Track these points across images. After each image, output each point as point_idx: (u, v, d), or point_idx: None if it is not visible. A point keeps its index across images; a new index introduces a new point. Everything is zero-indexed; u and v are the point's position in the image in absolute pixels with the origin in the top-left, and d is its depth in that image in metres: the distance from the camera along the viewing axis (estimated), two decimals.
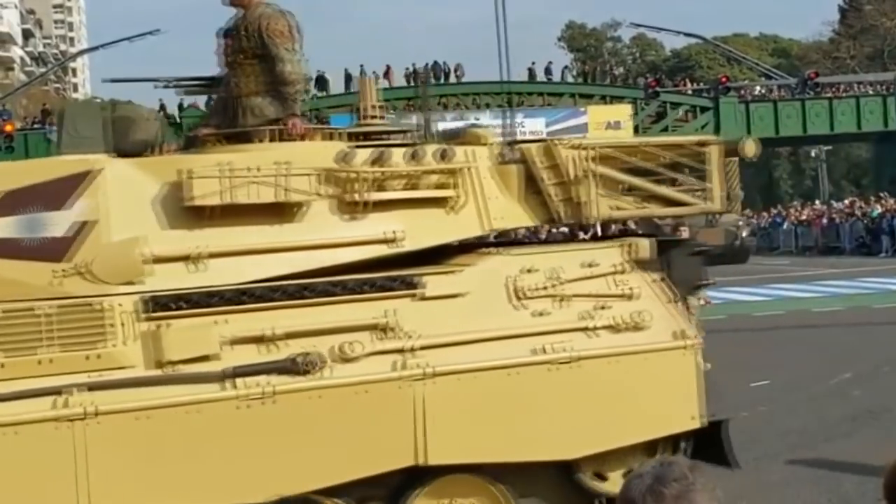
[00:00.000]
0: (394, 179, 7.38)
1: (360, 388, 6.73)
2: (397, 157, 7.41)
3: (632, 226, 24.58)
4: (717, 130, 59.48)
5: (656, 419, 7.46)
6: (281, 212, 7.09)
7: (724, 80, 56.71)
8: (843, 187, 77.06)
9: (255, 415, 6.55)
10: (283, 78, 7.50)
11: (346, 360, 6.76)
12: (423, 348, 6.92)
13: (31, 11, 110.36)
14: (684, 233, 17.14)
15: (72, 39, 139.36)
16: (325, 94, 59.12)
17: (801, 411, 12.80)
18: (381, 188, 7.32)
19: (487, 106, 60.08)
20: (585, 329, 7.35)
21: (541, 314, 7.31)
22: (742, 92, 61.30)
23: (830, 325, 21.17)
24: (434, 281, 7.18)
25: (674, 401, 7.46)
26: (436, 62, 61.11)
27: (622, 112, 60.09)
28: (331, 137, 7.66)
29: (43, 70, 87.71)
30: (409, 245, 7.39)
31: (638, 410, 7.40)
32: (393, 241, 7.32)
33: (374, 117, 8.38)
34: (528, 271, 7.39)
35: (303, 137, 7.44)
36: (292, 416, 6.63)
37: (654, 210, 8.32)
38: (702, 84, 64.64)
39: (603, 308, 7.44)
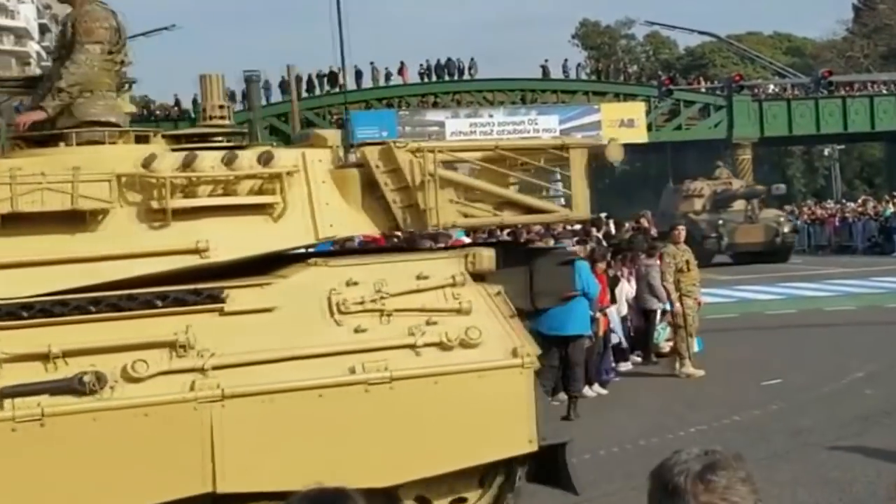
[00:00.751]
0: (205, 185, 6.91)
1: (145, 410, 6.27)
2: (210, 161, 6.94)
3: (645, 224, 24.12)
4: (730, 129, 59.27)
5: (487, 442, 6.95)
6: (75, 220, 6.64)
7: (737, 78, 56.02)
8: (856, 186, 76.13)
9: (28, 438, 6.10)
10: (59, 73, 7.08)
11: (132, 380, 6.29)
12: (221, 367, 6.44)
13: (48, 6, 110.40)
14: (681, 233, 16.74)
15: None
16: (338, 90, 58.91)
17: (813, 410, 12.68)
18: (190, 195, 6.86)
19: (501, 103, 59.82)
20: (410, 346, 6.84)
21: (361, 331, 6.80)
22: (755, 90, 60.91)
23: (843, 325, 21.07)
24: (239, 294, 6.69)
25: (507, 423, 6.94)
26: (449, 59, 60.63)
27: (636, 110, 59.89)
28: (145, 140, 7.20)
29: None
30: (221, 255, 6.92)
31: (467, 433, 6.89)
32: (201, 251, 6.85)
33: (219, 118, 7.89)
34: (350, 284, 6.89)
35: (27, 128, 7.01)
36: (70, 439, 6.17)
37: (508, 217, 7.81)
38: (715, 82, 63.92)
39: (431, 324, 6.92)
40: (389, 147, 7.42)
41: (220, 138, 7.50)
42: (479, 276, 7.22)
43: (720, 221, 40.81)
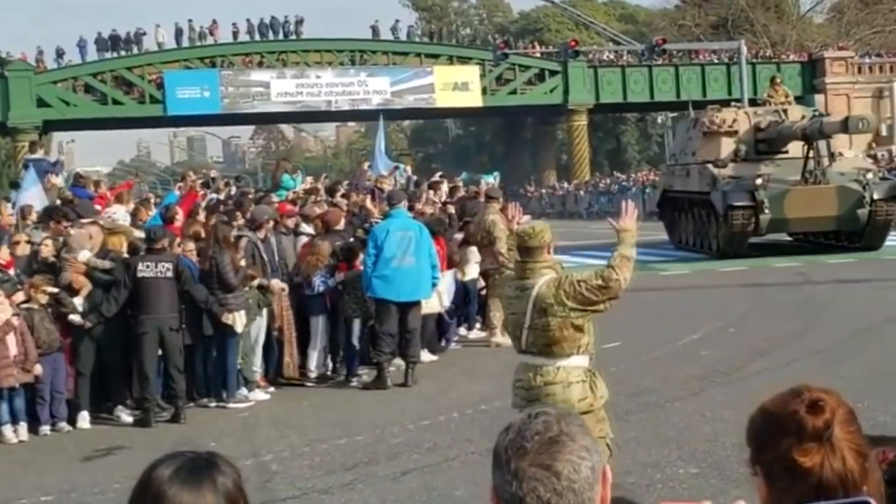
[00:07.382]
0: None
1: None
2: None
3: (483, 189, 22.78)
4: (565, 94, 59.13)
5: None
6: None
7: (573, 44, 55.69)
8: None
9: None
10: None
11: None
12: None
13: None
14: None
15: None
16: (158, 49, 56.42)
17: (651, 371, 12.96)
18: None
19: (329, 64, 58.25)
20: None
21: None
22: (591, 56, 60.92)
23: (678, 288, 21.61)
24: None
25: None
26: (273, 17, 58.48)
27: (470, 73, 59.47)
28: None
29: None
30: None
31: None
32: None
33: None
34: None
35: None
36: None
37: None
38: (551, 47, 63.72)
39: None
40: None
41: None
42: None
43: (759, 180, 24.05)
